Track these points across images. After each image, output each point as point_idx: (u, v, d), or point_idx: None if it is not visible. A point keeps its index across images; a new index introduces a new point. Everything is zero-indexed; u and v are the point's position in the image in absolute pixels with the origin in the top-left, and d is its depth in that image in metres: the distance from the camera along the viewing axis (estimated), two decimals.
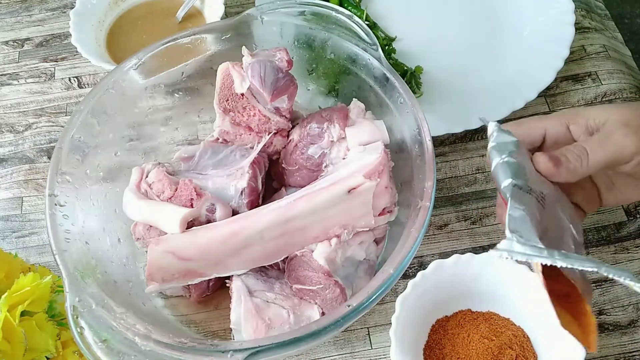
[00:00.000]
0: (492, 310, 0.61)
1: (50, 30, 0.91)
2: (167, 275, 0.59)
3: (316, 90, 0.73)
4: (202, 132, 0.75)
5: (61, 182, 0.58)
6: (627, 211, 0.71)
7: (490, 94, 0.78)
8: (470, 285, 0.61)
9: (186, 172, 0.65)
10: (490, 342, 0.58)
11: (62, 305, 0.58)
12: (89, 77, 0.86)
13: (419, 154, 0.59)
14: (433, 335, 0.60)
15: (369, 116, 0.66)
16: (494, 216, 0.72)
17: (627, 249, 0.69)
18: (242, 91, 0.62)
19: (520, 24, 0.85)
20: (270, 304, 0.58)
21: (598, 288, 0.67)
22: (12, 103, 0.84)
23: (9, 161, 0.79)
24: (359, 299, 0.51)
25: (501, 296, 0.61)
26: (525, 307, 0.60)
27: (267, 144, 0.65)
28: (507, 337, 0.58)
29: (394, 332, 0.56)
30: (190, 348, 0.49)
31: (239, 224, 0.59)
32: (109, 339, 0.50)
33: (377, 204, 0.61)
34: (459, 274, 0.60)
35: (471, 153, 0.77)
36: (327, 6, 0.68)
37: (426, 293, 0.59)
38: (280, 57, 0.63)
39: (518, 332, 0.59)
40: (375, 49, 0.65)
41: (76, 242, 0.56)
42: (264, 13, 0.68)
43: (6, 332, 0.52)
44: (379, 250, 0.64)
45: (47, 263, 0.69)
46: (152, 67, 0.66)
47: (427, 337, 0.60)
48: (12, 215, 0.75)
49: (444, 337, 0.59)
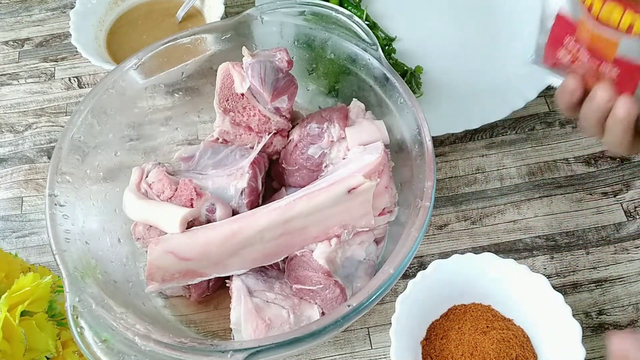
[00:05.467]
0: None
1: (50, 30, 0.91)
2: (167, 275, 0.59)
3: (316, 90, 0.73)
4: (202, 132, 0.75)
5: (61, 182, 0.58)
6: (626, 212, 0.72)
7: (490, 94, 0.78)
8: (471, 285, 0.61)
9: (186, 172, 0.65)
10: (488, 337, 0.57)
11: (62, 305, 0.58)
12: (89, 77, 0.86)
13: (419, 154, 0.59)
14: (431, 334, 0.60)
15: (369, 116, 0.66)
16: (494, 216, 0.72)
17: (626, 249, 0.69)
18: (242, 91, 0.62)
19: (520, 24, 0.85)
20: (270, 304, 0.58)
21: (598, 288, 0.67)
22: (12, 103, 0.84)
23: (9, 161, 0.79)
24: (359, 299, 0.51)
25: (501, 296, 0.61)
26: (526, 307, 0.60)
27: (267, 144, 0.65)
28: (507, 336, 0.58)
29: (394, 332, 0.56)
30: (190, 348, 0.49)
31: (239, 224, 0.59)
32: (109, 339, 0.50)
33: (377, 204, 0.61)
34: (459, 273, 0.60)
35: (471, 153, 0.77)
36: (327, 6, 0.68)
37: (426, 293, 0.59)
38: (280, 57, 0.63)
39: (518, 332, 0.59)
40: (375, 49, 0.65)
41: (76, 242, 0.56)
42: (264, 13, 0.68)
43: (6, 332, 0.52)
44: (379, 250, 0.64)
45: (47, 263, 0.69)
46: (152, 67, 0.66)
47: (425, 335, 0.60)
48: (12, 215, 0.75)
49: (443, 335, 0.60)
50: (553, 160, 0.76)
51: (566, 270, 0.68)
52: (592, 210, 0.72)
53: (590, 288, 0.67)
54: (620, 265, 0.68)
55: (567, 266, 0.68)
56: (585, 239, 0.70)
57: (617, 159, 0.76)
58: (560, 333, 0.56)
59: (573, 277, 0.68)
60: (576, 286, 0.67)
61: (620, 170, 0.75)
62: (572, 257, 0.69)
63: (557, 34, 0.50)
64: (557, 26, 0.50)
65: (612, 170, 0.75)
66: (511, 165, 0.76)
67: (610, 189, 0.73)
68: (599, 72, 0.49)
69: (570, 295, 0.66)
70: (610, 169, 0.75)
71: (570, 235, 0.70)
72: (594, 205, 0.72)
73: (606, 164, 0.75)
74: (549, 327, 0.57)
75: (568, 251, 0.69)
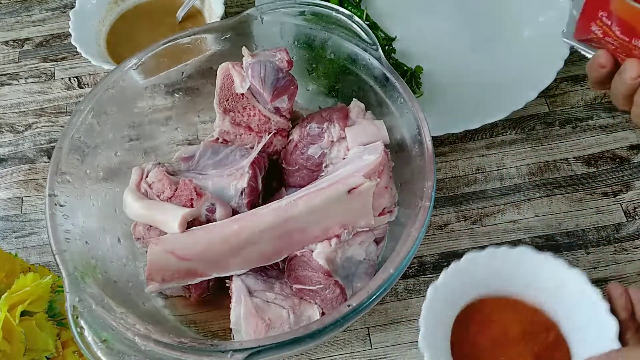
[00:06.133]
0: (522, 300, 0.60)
1: (50, 30, 0.91)
2: (167, 275, 0.59)
3: (316, 90, 0.73)
4: (202, 132, 0.75)
5: (61, 182, 0.58)
6: (626, 212, 0.72)
7: (490, 94, 0.78)
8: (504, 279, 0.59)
9: (186, 172, 0.65)
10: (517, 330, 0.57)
11: (62, 305, 0.58)
12: (89, 77, 0.86)
13: (419, 154, 0.59)
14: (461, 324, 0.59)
15: (369, 116, 0.66)
16: (494, 216, 0.72)
17: (626, 249, 0.69)
18: (242, 91, 0.62)
19: (520, 24, 0.85)
20: (270, 304, 0.58)
21: (598, 288, 0.67)
22: (12, 103, 0.84)
23: (9, 161, 0.79)
24: (359, 299, 0.51)
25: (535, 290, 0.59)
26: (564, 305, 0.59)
27: (267, 144, 0.65)
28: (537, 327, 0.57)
29: (424, 319, 0.55)
30: (190, 348, 0.49)
31: (239, 224, 0.59)
32: (109, 339, 0.50)
33: (377, 204, 0.61)
34: (493, 266, 0.59)
35: (471, 153, 0.77)
36: (327, 6, 0.68)
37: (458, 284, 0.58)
38: (280, 57, 0.63)
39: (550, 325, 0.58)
40: (375, 49, 0.65)
41: (76, 242, 0.56)
42: (264, 13, 0.68)
43: (6, 332, 0.52)
44: (379, 250, 0.64)
45: (47, 263, 0.69)
46: (152, 67, 0.66)
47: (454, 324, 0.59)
48: (12, 215, 0.75)
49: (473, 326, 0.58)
50: (553, 160, 0.76)
51: None
52: (592, 211, 0.72)
53: None
54: (620, 266, 0.68)
55: None
56: (585, 239, 0.70)
57: (616, 160, 0.76)
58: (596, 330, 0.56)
59: None
60: None
61: (620, 171, 0.75)
62: (572, 257, 0.69)
63: (591, 8, 0.51)
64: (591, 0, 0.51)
65: (612, 171, 0.75)
66: (511, 165, 0.76)
67: (610, 189, 0.73)
68: (630, 48, 0.49)
69: None
70: (610, 169, 0.75)
71: (570, 235, 0.70)
72: (594, 206, 0.72)
73: (606, 164, 0.75)
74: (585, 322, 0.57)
75: (568, 251, 0.69)
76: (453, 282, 0.58)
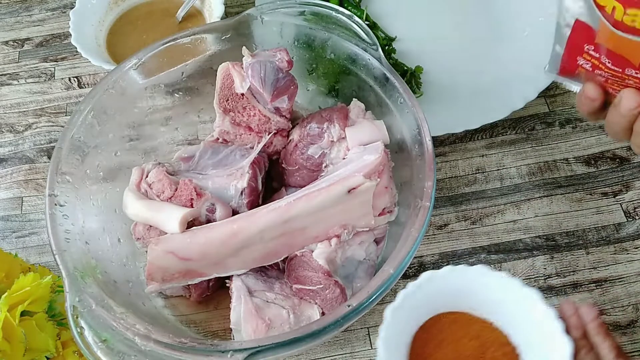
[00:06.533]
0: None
1: (50, 30, 0.91)
2: (167, 275, 0.59)
3: (316, 90, 0.73)
4: (202, 132, 0.75)
5: (61, 182, 0.58)
6: (626, 212, 0.72)
7: (490, 94, 0.78)
8: (462, 297, 0.60)
9: (186, 172, 0.65)
10: (473, 346, 0.57)
11: (62, 305, 0.58)
12: (89, 77, 0.86)
13: (419, 154, 0.59)
14: (418, 343, 0.59)
15: (369, 116, 0.66)
16: (494, 216, 0.72)
17: (626, 249, 0.69)
18: (242, 91, 0.62)
19: (520, 24, 0.85)
20: (270, 304, 0.58)
21: (598, 288, 0.67)
22: (12, 103, 0.84)
23: (9, 161, 0.79)
24: (359, 299, 0.51)
25: (490, 308, 0.60)
26: (519, 324, 0.59)
27: (267, 144, 0.65)
28: (493, 343, 0.57)
29: (382, 340, 0.56)
30: (190, 348, 0.49)
31: (239, 224, 0.59)
32: (109, 339, 0.50)
33: (377, 204, 0.61)
34: (451, 285, 0.59)
35: (471, 153, 0.77)
36: (327, 6, 0.68)
37: (417, 303, 0.58)
38: (281, 57, 0.63)
39: (505, 342, 0.58)
40: (375, 49, 0.65)
41: (76, 242, 0.56)
42: (264, 13, 0.68)
43: (6, 332, 0.52)
44: (379, 250, 0.64)
45: (47, 263, 0.69)
46: (152, 67, 0.66)
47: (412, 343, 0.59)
48: (12, 215, 0.75)
49: (432, 344, 0.59)
50: (553, 160, 0.76)
51: (566, 270, 0.68)
52: (592, 211, 0.72)
53: (590, 288, 0.67)
54: (620, 266, 0.68)
55: (567, 266, 0.68)
56: (585, 239, 0.70)
57: (616, 160, 0.76)
58: (550, 349, 0.56)
59: (573, 277, 0.68)
60: (576, 286, 0.67)
61: (620, 171, 0.75)
62: (572, 257, 0.69)
63: (576, 42, 0.49)
64: (576, 34, 0.49)
65: (612, 171, 0.75)
66: (511, 165, 0.76)
67: (610, 189, 0.73)
68: (624, 78, 0.48)
69: (570, 295, 0.66)
70: (610, 169, 0.75)
71: (570, 235, 0.70)
72: (594, 206, 0.72)
73: (606, 164, 0.75)
74: (539, 341, 0.57)
75: (568, 251, 0.69)
76: (411, 302, 0.58)
